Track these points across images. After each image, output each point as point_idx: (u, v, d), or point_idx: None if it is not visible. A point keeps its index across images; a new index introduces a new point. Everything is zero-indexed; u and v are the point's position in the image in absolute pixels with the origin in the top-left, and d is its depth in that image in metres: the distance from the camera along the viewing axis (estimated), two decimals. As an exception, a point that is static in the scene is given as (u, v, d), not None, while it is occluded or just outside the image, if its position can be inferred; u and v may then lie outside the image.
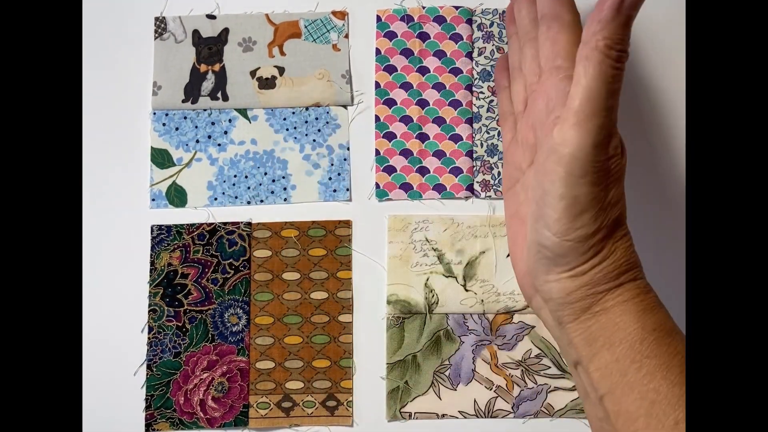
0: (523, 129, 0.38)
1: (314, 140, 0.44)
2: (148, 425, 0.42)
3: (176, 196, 0.44)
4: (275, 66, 0.45)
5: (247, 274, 0.43)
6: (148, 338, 0.43)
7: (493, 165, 0.44)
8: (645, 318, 0.32)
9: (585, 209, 0.32)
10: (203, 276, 0.43)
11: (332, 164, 0.44)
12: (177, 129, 0.44)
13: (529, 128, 0.37)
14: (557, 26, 0.35)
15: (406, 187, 0.44)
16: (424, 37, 0.45)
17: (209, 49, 0.45)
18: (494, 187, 0.44)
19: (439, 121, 0.44)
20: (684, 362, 0.31)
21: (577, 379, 0.35)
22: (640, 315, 0.32)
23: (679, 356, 0.31)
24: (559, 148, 0.32)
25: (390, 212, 0.44)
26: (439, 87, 0.44)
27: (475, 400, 0.42)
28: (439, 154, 0.44)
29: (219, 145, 0.44)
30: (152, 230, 0.43)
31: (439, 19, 0.45)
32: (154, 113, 0.44)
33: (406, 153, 0.44)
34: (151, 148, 0.44)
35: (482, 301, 0.43)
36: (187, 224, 0.44)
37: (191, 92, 0.44)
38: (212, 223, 0.44)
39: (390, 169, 0.44)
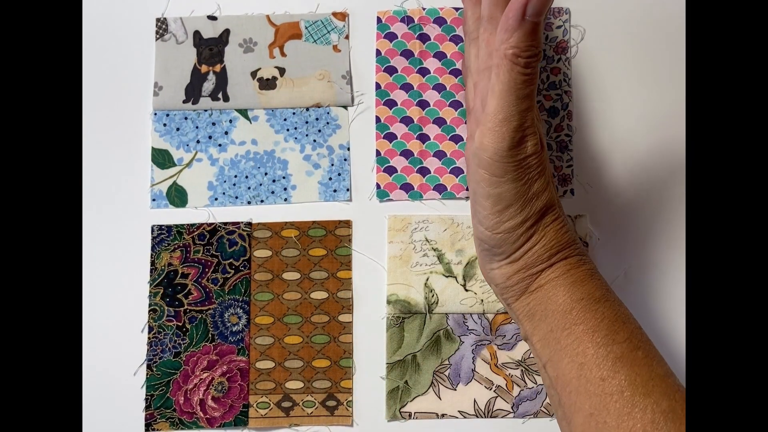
0: (471, 126, 0.40)
1: (314, 140, 0.44)
2: (148, 425, 0.42)
3: (177, 196, 0.44)
4: (276, 67, 0.45)
5: (247, 274, 0.43)
6: (148, 338, 0.43)
7: (493, 165, 0.44)
8: (573, 290, 0.35)
9: (510, 203, 0.35)
10: (203, 276, 0.43)
11: (332, 164, 0.44)
12: (178, 129, 0.44)
13: (475, 125, 0.39)
14: (491, 28, 0.36)
15: (407, 187, 0.44)
16: (424, 38, 0.45)
17: (210, 50, 0.45)
18: (494, 188, 0.44)
19: (439, 122, 0.44)
20: (611, 326, 0.34)
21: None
22: (568, 287, 0.35)
23: (606, 321, 0.34)
24: (478, 152, 0.35)
25: (390, 212, 0.44)
26: (439, 88, 0.45)
27: (475, 400, 0.42)
28: (439, 155, 0.44)
29: (219, 145, 0.44)
30: (152, 230, 0.44)
31: (440, 21, 0.45)
32: (155, 113, 0.45)
33: (406, 154, 0.44)
34: (152, 148, 0.44)
35: (482, 301, 0.43)
36: (188, 224, 0.44)
37: (192, 93, 0.45)
38: (212, 223, 0.44)
39: (391, 170, 0.44)
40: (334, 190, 0.44)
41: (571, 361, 0.34)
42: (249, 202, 0.44)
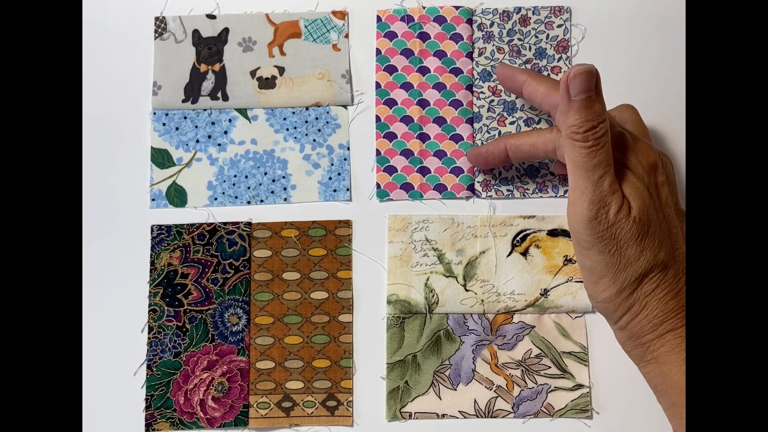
0: None
1: (314, 140, 0.44)
2: (148, 425, 0.42)
3: (176, 195, 0.44)
4: (275, 66, 0.45)
5: (247, 274, 0.43)
6: (148, 338, 0.43)
7: (493, 165, 0.44)
8: (684, 366, 0.34)
9: (602, 275, 0.35)
10: (203, 276, 0.43)
11: (332, 164, 0.44)
12: (177, 129, 0.44)
13: None
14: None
15: (407, 187, 0.44)
16: (424, 37, 0.45)
17: (209, 48, 0.45)
18: (495, 187, 0.44)
19: (439, 121, 0.44)
20: None
21: None
22: (681, 364, 0.34)
23: None
24: (568, 223, 0.36)
25: (390, 212, 0.44)
26: (439, 87, 0.44)
27: (475, 400, 0.42)
28: (440, 154, 0.44)
29: (219, 144, 0.44)
30: (152, 230, 0.43)
31: (440, 19, 0.45)
32: (154, 113, 0.44)
33: (406, 153, 0.44)
34: (151, 147, 0.44)
35: (482, 301, 0.43)
36: (187, 224, 0.43)
37: (191, 92, 0.44)
38: (212, 223, 0.43)
39: (391, 170, 0.44)
40: (334, 190, 0.44)
41: None
42: (249, 202, 0.44)
